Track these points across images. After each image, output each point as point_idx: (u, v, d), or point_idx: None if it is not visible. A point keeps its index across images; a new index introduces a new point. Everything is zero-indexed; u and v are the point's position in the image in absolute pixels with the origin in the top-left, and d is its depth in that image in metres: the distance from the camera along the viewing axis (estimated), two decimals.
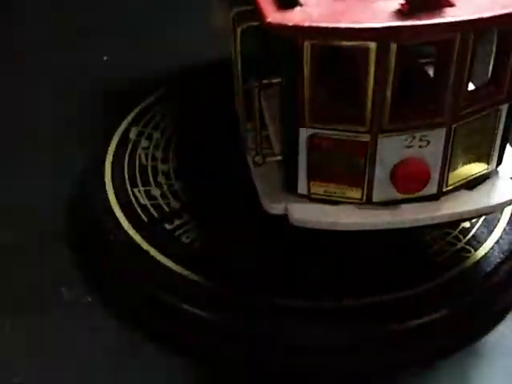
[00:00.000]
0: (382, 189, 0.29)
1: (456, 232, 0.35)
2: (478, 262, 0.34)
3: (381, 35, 0.25)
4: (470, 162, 0.31)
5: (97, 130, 0.43)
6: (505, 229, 0.35)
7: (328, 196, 0.30)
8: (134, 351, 0.33)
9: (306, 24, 0.25)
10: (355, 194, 0.30)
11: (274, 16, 0.25)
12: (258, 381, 0.32)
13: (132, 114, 0.42)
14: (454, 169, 0.30)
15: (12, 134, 0.45)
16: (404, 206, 0.30)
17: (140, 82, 0.48)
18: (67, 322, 0.34)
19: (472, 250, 0.34)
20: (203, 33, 0.48)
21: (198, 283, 0.33)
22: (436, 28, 0.25)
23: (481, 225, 0.35)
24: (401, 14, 0.25)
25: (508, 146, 0.32)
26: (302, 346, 0.32)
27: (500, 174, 0.32)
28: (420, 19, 0.25)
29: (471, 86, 0.29)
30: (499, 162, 0.32)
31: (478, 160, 0.31)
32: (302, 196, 0.30)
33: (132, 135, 0.41)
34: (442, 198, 0.30)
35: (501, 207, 0.32)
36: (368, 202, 0.30)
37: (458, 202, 0.30)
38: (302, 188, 0.30)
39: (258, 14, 0.26)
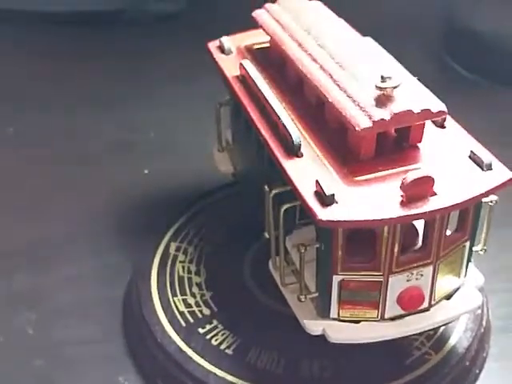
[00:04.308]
0: (392, 309, 0.40)
1: (422, 338, 0.45)
2: (438, 364, 0.44)
3: (390, 223, 0.36)
4: (447, 281, 0.41)
5: (143, 241, 0.53)
6: (460, 336, 0.45)
7: (353, 317, 0.40)
8: None
9: (344, 219, 0.35)
10: (372, 314, 0.40)
11: (321, 214, 0.35)
12: None
13: (171, 230, 0.52)
14: (438, 288, 0.41)
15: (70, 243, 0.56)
16: (407, 319, 0.40)
17: (178, 195, 0.58)
18: None
19: (433, 354, 0.44)
20: None
21: (223, 378, 0.43)
22: (425, 215, 0.36)
23: (441, 332, 0.45)
24: (401, 204, 0.35)
25: None
26: None
27: (466, 283, 0.42)
28: (415, 208, 0.35)
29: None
30: (465, 275, 0.42)
31: (453, 278, 0.42)
32: (333, 319, 0.40)
33: (171, 250, 0.51)
34: (431, 310, 0.41)
35: (472, 311, 0.44)
36: (382, 318, 0.40)
37: (442, 311, 0.41)
38: (333, 313, 0.40)
39: (307, 210, 0.36)
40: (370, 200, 0.36)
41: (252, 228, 0.47)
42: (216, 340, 0.45)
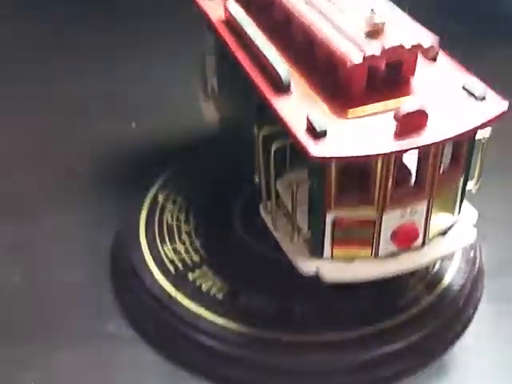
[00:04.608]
0: (386, 246, 0.39)
1: (416, 278, 0.44)
2: (431, 303, 0.43)
3: (384, 156, 0.35)
4: (441, 218, 0.41)
5: (131, 191, 0.52)
6: (454, 276, 0.45)
7: (346, 256, 0.39)
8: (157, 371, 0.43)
9: (336, 155, 0.34)
10: (366, 252, 0.39)
11: (313, 150, 0.34)
12: None
13: (160, 181, 0.52)
14: (432, 225, 0.40)
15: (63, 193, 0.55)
16: (401, 256, 0.40)
17: (166, 146, 0.58)
18: (110, 353, 0.44)
19: (427, 294, 0.44)
20: None
21: (213, 322, 0.42)
22: (419, 148, 0.35)
23: (435, 272, 0.45)
24: (395, 137, 0.34)
25: None
26: (289, 370, 0.42)
27: (461, 220, 0.42)
28: (409, 141, 0.34)
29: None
30: (459, 212, 0.42)
31: (447, 215, 0.41)
32: (326, 259, 0.40)
33: (160, 199, 0.50)
34: (425, 247, 0.40)
35: (467, 246, 0.43)
36: (375, 256, 0.39)
37: (437, 248, 0.40)
38: (326, 253, 0.39)
39: (299, 147, 0.35)
40: (362, 134, 0.35)
41: (239, 178, 0.46)
42: (206, 285, 0.44)
